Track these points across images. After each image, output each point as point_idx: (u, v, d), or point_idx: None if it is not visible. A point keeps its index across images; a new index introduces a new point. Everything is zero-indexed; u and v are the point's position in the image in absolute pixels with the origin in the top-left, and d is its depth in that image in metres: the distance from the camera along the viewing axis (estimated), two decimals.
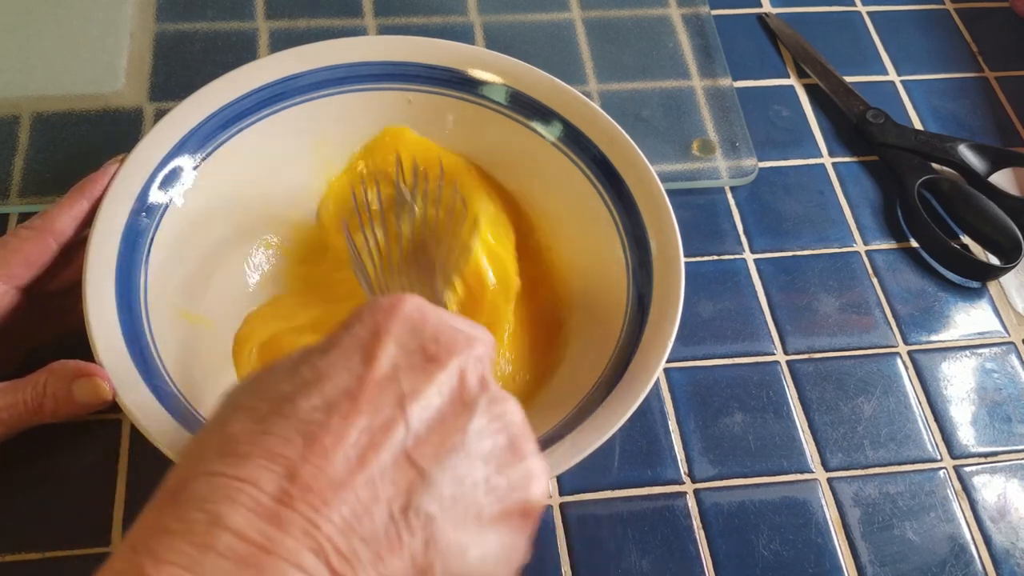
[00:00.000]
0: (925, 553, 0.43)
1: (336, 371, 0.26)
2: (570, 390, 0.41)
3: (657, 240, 0.43)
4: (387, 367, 0.27)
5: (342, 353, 0.27)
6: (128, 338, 0.38)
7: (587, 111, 0.46)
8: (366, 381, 0.26)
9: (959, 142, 0.55)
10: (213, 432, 0.26)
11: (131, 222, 0.41)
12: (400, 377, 0.27)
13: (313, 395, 0.26)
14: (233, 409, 0.27)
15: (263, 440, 0.25)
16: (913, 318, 0.50)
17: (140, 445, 0.42)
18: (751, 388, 0.47)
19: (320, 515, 0.24)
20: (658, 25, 0.61)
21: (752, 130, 0.56)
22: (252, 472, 0.24)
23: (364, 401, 0.26)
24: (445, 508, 0.26)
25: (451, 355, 0.28)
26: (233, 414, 0.26)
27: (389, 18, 0.59)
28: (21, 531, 0.40)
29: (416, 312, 0.28)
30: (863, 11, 0.64)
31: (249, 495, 0.24)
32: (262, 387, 0.27)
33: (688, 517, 0.43)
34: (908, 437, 0.46)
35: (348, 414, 0.25)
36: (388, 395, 0.26)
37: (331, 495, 0.24)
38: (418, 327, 0.28)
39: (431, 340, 0.28)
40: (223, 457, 0.25)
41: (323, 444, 0.25)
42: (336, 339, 0.28)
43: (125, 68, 0.55)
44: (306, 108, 0.47)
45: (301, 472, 0.24)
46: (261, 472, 0.24)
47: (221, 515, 0.24)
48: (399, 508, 0.25)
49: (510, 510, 0.28)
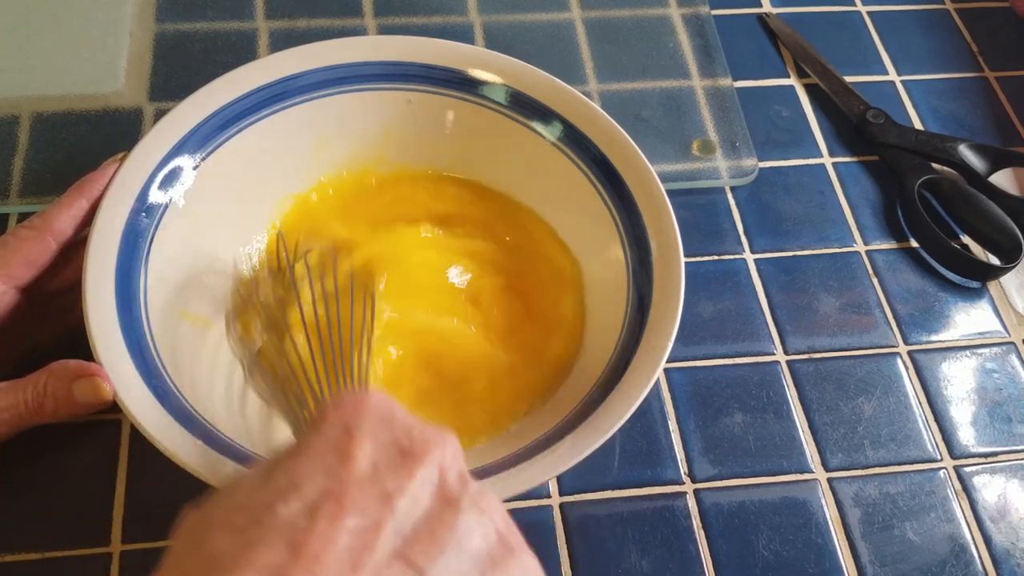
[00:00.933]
0: (925, 553, 0.43)
1: (312, 473, 0.25)
2: (570, 390, 0.41)
3: (657, 240, 0.43)
4: (366, 464, 0.25)
5: (315, 454, 0.26)
6: (128, 338, 0.38)
7: (587, 111, 0.46)
8: (347, 480, 0.25)
9: (959, 142, 0.55)
10: (187, 555, 0.24)
11: (131, 222, 0.41)
12: (381, 474, 0.25)
13: (292, 500, 0.24)
14: (206, 528, 0.25)
15: (248, 552, 0.23)
16: (913, 318, 0.50)
17: (140, 445, 0.42)
18: (751, 388, 0.47)
19: None
20: (658, 25, 0.61)
21: (752, 130, 0.56)
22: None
23: (349, 501, 0.24)
24: None
25: (427, 451, 0.26)
26: (207, 533, 0.25)
27: (389, 18, 0.59)
28: (21, 531, 0.40)
29: (382, 407, 0.27)
30: (863, 11, 0.64)
31: None
32: (233, 501, 0.25)
33: (688, 517, 0.43)
34: (908, 437, 0.46)
35: (335, 516, 0.24)
36: (372, 493, 0.25)
37: None
38: (388, 422, 0.27)
39: (404, 435, 0.27)
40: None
41: (312, 549, 0.23)
42: (305, 443, 0.27)
43: (125, 68, 0.55)
44: (306, 108, 0.47)
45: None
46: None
47: None
48: None
49: None
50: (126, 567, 0.40)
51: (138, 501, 0.41)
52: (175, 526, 0.27)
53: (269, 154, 0.46)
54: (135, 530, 0.40)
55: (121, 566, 0.40)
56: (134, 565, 0.40)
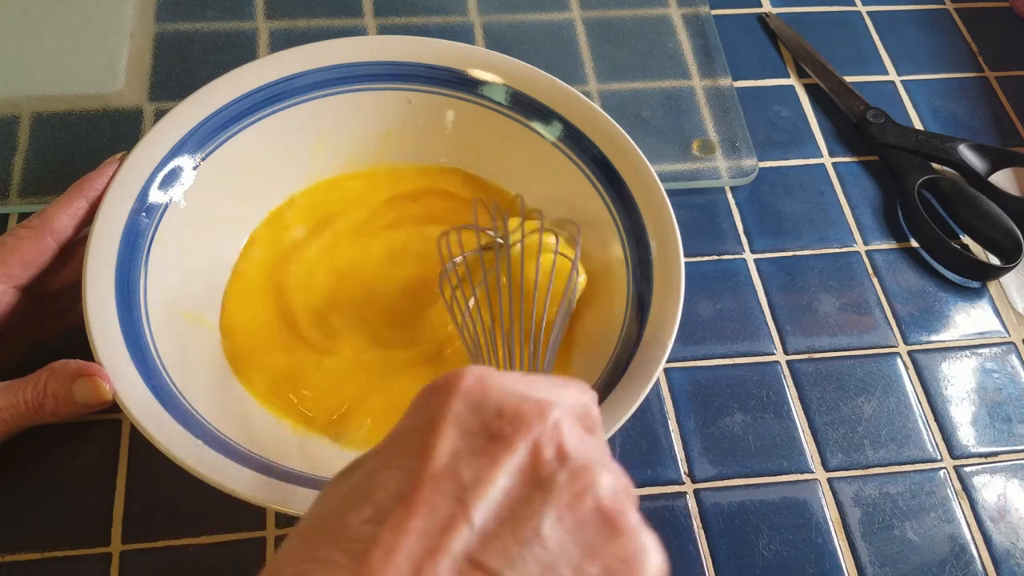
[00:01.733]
0: (925, 553, 0.43)
1: (389, 472, 0.23)
2: None
3: (657, 240, 0.43)
4: (445, 457, 0.23)
5: (396, 450, 0.24)
6: (128, 338, 0.38)
7: (587, 111, 0.46)
8: (421, 478, 0.23)
9: (959, 142, 0.55)
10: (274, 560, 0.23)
11: (131, 222, 0.41)
12: (460, 466, 0.23)
13: (363, 506, 0.23)
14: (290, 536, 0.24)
15: (306, 569, 0.22)
16: (913, 318, 0.50)
17: (140, 445, 0.42)
18: (751, 388, 0.47)
19: None
20: (658, 25, 0.61)
21: (752, 130, 0.56)
22: None
23: (419, 501, 0.22)
24: None
25: (519, 430, 0.24)
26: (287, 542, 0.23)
27: (389, 18, 0.59)
28: (21, 531, 0.40)
29: (476, 386, 0.25)
30: (863, 11, 0.64)
31: None
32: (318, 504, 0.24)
33: (688, 517, 0.43)
34: (908, 437, 0.46)
35: (401, 521, 0.22)
36: (446, 490, 0.22)
37: None
38: (479, 403, 0.24)
39: (494, 416, 0.24)
40: None
41: (371, 562, 0.21)
42: (392, 434, 0.25)
43: (125, 68, 0.55)
44: (306, 108, 0.47)
45: None
46: None
47: None
48: None
49: None
50: (126, 567, 0.40)
51: (138, 501, 0.41)
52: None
53: (269, 154, 0.46)
54: (135, 530, 0.40)
55: (121, 566, 0.40)
56: (134, 565, 0.40)
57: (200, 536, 0.40)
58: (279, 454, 0.39)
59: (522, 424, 0.24)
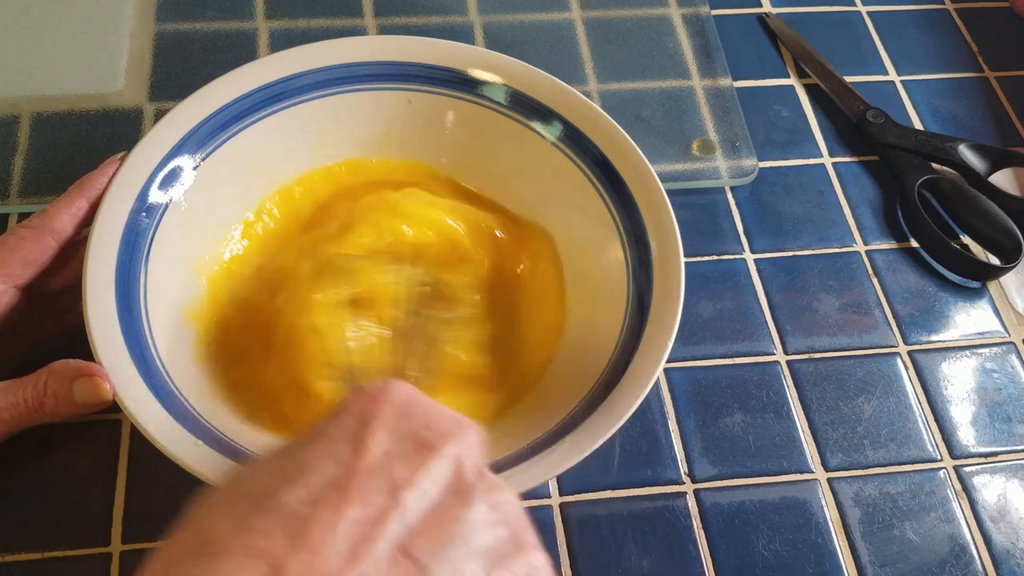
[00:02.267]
0: (925, 553, 0.43)
1: (322, 462, 0.25)
2: (570, 390, 0.41)
3: (657, 240, 0.43)
4: (378, 455, 0.25)
5: (328, 443, 0.25)
6: (128, 338, 0.38)
7: (587, 111, 0.46)
8: (356, 470, 0.24)
9: (959, 142, 0.55)
10: (187, 534, 0.24)
11: (131, 221, 0.41)
12: (392, 465, 0.25)
13: (298, 487, 0.24)
14: (208, 510, 0.25)
15: (243, 537, 0.23)
16: (913, 318, 0.50)
17: (140, 445, 0.42)
18: (751, 388, 0.47)
19: None
20: (658, 25, 0.61)
21: (752, 130, 0.56)
22: (232, 571, 0.22)
23: (355, 491, 0.24)
24: None
25: (445, 442, 0.26)
26: (208, 514, 0.24)
27: (389, 18, 0.59)
28: (21, 531, 0.40)
29: (407, 399, 0.27)
30: (863, 11, 0.64)
31: None
32: (240, 485, 0.25)
33: (688, 517, 0.43)
34: (908, 437, 0.46)
35: (338, 505, 0.23)
36: (380, 484, 0.24)
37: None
38: (409, 413, 0.26)
39: (423, 426, 0.26)
40: (199, 558, 0.23)
41: (311, 538, 0.23)
42: (321, 429, 0.26)
43: (125, 68, 0.55)
44: (306, 108, 0.47)
45: (287, 569, 0.22)
46: (243, 572, 0.22)
47: None
48: None
49: None
50: (126, 567, 0.40)
51: (138, 501, 0.41)
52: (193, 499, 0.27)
53: (269, 154, 0.46)
54: (135, 530, 0.40)
55: (121, 566, 0.40)
56: (134, 565, 0.40)
57: None
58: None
59: (449, 438, 0.26)
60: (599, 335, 0.43)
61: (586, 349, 0.43)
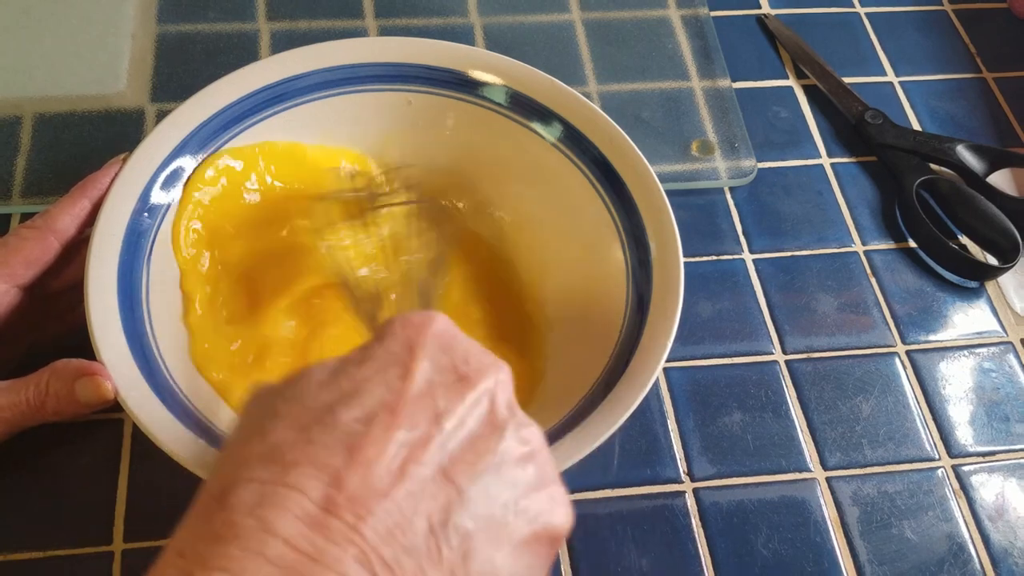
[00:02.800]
0: (923, 552, 0.43)
1: (374, 384, 0.27)
2: (570, 390, 0.41)
3: (657, 240, 0.43)
4: (422, 383, 0.27)
5: (378, 366, 0.27)
6: (130, 337, 0.38)
7: (587, 112, 0.47)
8: (404, 395, 0.26)
9: (957, 143, 0.56)
10: (254, 438, 0.26)
11: (133, 222, 0.41)
12: (436, 393, 0.27)
13: (353, 406, 0.26)
14: (272, 416, 0.27)
15: (308, 449, 0.25)
16: (911, 318, 0.51)
17: (142, 444, 0.42)
18: (750, 388, 0.47)
19: (365, 524, 0.24)
20: (657, 26, 0.61)
21: (751, 131, 0.56)
22: (299, 480, 0.24)
23: (403, 415, 0.26)
24: (480, 526, 0.26)
25: (481, 377, 0.28)
26: (273, 421, 0.26)
27: (390, 19, 0.59)
28: (23, 530, 0.40)
29: (446, 331, 0.29)
30: (861, 12, 0.64)
31: (296, 502, 0.24)
32: (300, 394, 0.27)
33: (687, 516, 0.43)
34: (906, 436, 0.47)
35: (388, 426, 0.26)
36: (425, 410, 0.26)
37: (375, 504, 0.24)
38: (448, 346, 0.28)
39: (462, 360, 0.28)
40: (268, 464, 0.25)
41: (366, 454, 0.25)
42: (370, 352, 0.28)
43: (127, 69, 0.55)
44: (307, 109, 0.47)
45: (346, 481, 0.25)
46: (307, 480, 0.24)
47: (270, 522, 0.24)
48: (439, 522, 0.25)
49: (538, 535, 0.28)
50: (128, 566, 0.40)
51: (140, 500, 0.41)
52: (244, 402, 0.28)
53: None
54: (137, 529, 0.41)
55: (123, 565, 0.40)
56: (136, 564, 0.40)
57: None
58: None
59: (485, 372, 0.28)
60: (599, 335, 0.43)
61: (585, 348, 0.43)
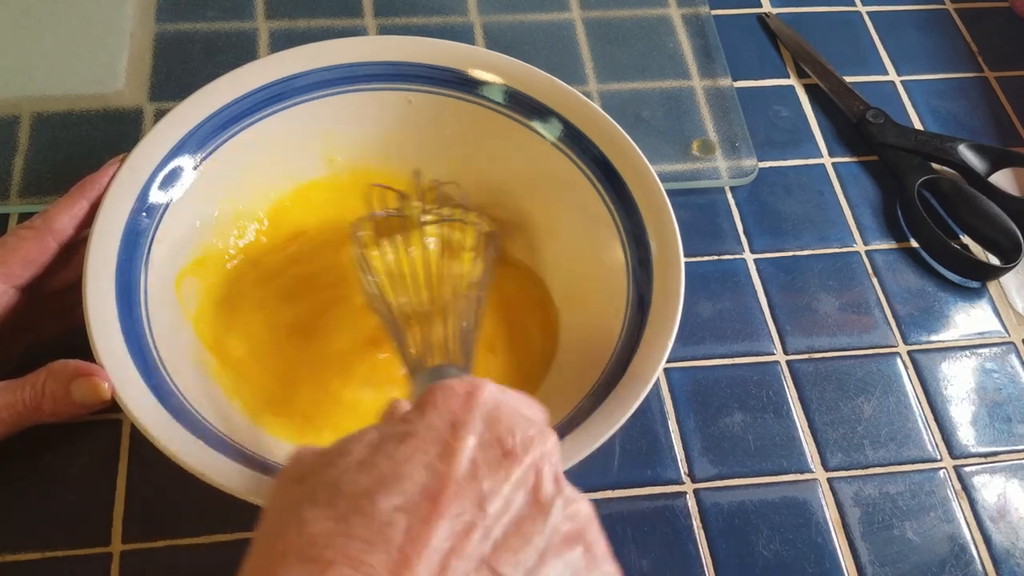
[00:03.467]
0: (925, 553, 0.43)
1: (414, 466, 0.26)
2: (570, 390, 0.41)
3: (657, 240, 0.43)
4: (466, 464, 0.26)
5: (419, 445, 0.26)
6: (128, 338, 0.38)
7: (587, 111, 0.46)
8: (447, 480, 0.25)
9: (959, 142, 0.55)
10: (291, 527, 0.25)
11: (131, 222, 0.41)
12: (479, 475, 0.26)
13: (393, 493, 0.25)
14: (310, 503, 0.26)
15: (345, 544, 0.24)
16: (913, 318, 0.51)
17: (140, 445, 0.42)
18: (751, 388, 0.47)
19: None
20: (658, 25, 0.61)
21: (752, 130, 0.56)
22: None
23: (445, 503, 0.25)
24: None
25: (527, 451, 0.27)
26: (310, 509, 0.25)
27: (389, 18, 0.59)
28: (21, 531, 0.40)
29: (491, 401, 0.28)
30: (863, 11, 0.64)
31: None
32: (339, 478, 0.26)
33: (688, 517, 0.43)
34: (908, 437, 0.46)
35: (429, 517, 0.24)
36: (469, 496, 0.25)
37: None
38: (494, 417, 0.27)
39: (507, 433, 0.27)
40: (305, 562, 0.24)
41: (406, 552, 0.24)
42: (412, 427, 0.27)
43: (125, 68, 0.55)
44: (306, 108, 0.47)
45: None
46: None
47: None
48: None
49: None
50: (126, 567, 0.40)
51: (139, 501, 0.41)
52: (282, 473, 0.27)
53: (269, 154, 0.46)
54: (135, 530, 0.40)
55: (121, 566, 0.40)
56: (135, 565, 0.40)
57: (201, 536, 0.40)
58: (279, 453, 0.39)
59: (530, 445, 0.27)
60: (599, 335, 0.43)
61: (586, 349, 0.43)
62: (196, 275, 0.44)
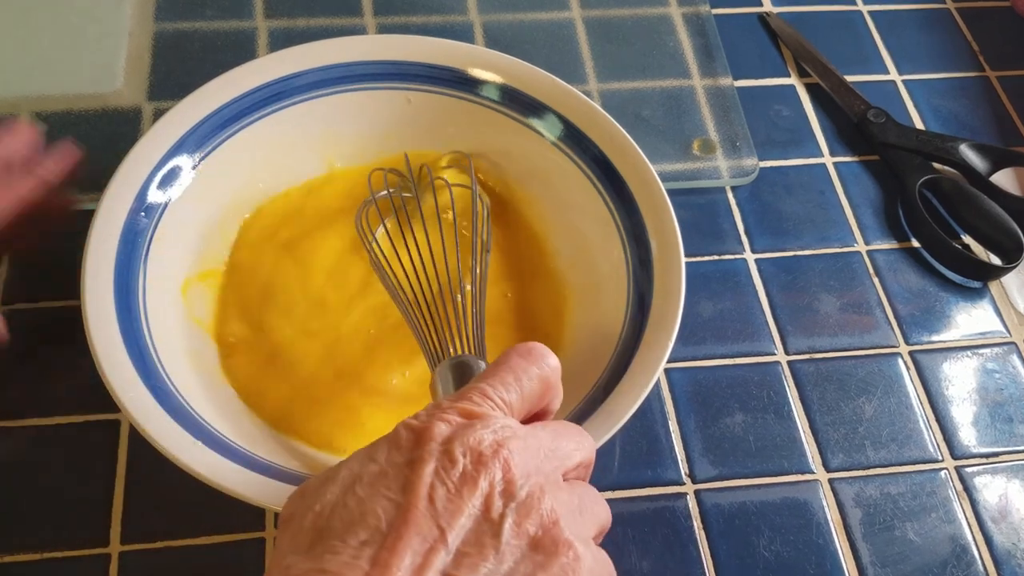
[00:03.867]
0: (926, 554, 0.43)
1: (378, 501, 0.28)
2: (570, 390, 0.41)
3: (657, 240, 0.43)
4: (425, 496, 0.28)
5: (382, 481, 0.29)
6: (126, 337, 0.38)
7: (587, 110, 0.46)
8: (409, 512, 0.28)
9: (960, 142, 0.55)
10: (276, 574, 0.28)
11: (130, 221, 0.41)
12: (437, 502, 0.28)
13: (360, 529, 0.28)
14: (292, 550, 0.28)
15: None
16: (914, 318, 0.50)
17: (139, 445, 0.42)
18: (752, 388, 0.47)
19: None
20: (658, 24, 0.61)
21: (753, 130, 0.56)
22: None
23: (409, 532, 0.27)
24: None
25: (479, 470, 0.29)
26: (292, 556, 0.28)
27: (388, 17, 0.59)
28: (20, 532, 0.40)
29: (447, 433, 0.30)
30: (864, 10, 0.64)
31: None
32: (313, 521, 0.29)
33: (689, 518, 0.43)
34: (909, 438, 0.46)
35: (394, 547, 0.27)
36: (429, 522, 0.28)
37: None
38: (450, 449, 0.29)
39: (461, 455, 0.29)
40: None
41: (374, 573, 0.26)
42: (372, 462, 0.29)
43: (124, 67, 0.55)
44: (305, 107, 0.47)
45: None
46: None
47: None
48: None
49: None
50: (125, 568, 0.39)
51: (137, 502, 0.41)
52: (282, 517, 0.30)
53: (268, 154, 0.46)
54: (134, 531, 0.40)
55: (120, 567, 0.39)
56: (133, 566, 0.40)
57: (199, 537, 0.40)
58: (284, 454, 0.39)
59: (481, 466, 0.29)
60: (599, 335, 0.43)
61: (586, 349, 0.43)
62: (199, 275, 0.44)
